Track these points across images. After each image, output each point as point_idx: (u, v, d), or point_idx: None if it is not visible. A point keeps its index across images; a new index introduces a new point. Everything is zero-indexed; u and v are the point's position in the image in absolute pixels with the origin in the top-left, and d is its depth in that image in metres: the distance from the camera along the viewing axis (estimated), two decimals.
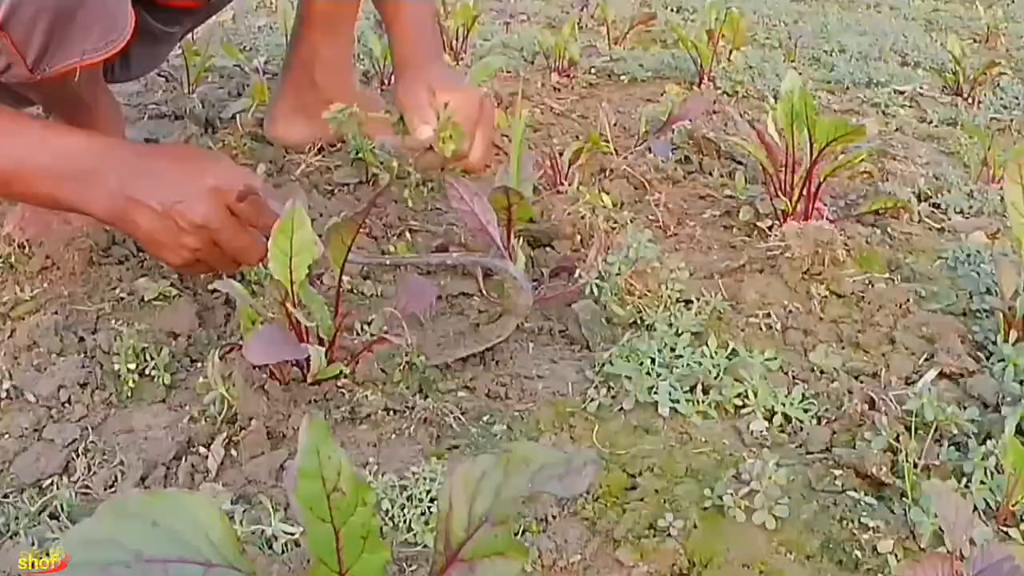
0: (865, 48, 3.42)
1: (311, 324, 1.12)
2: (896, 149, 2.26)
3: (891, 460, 0.99)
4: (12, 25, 1.26)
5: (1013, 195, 1.27)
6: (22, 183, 1.26)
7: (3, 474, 1.08)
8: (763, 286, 1.41)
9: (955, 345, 1.24)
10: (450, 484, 0.61)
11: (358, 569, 0.60)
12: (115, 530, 0.53)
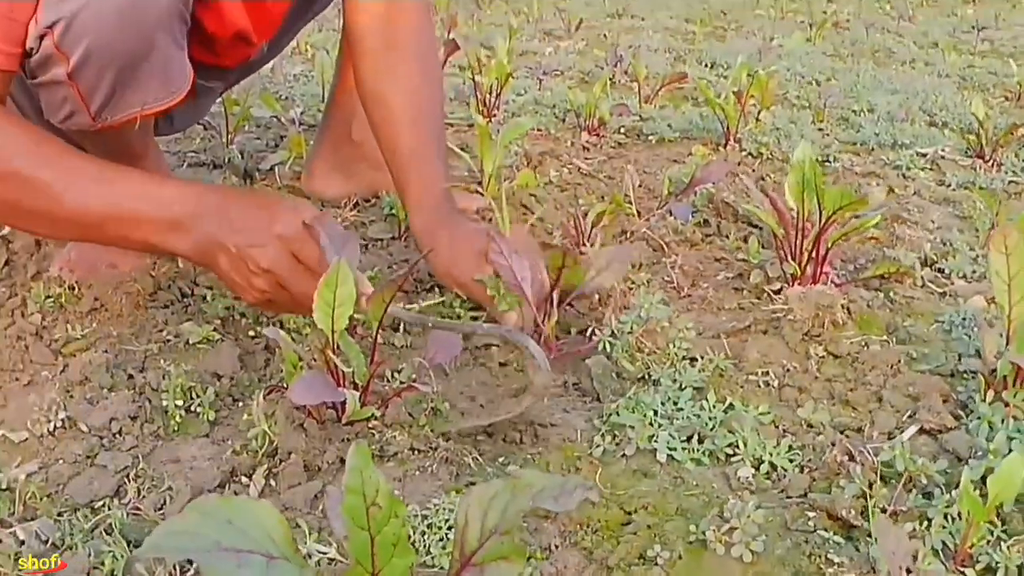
0: (894, 108, 3.58)
1: (348, 370, 1.30)
2: (911, 213, 2.41)
3: (862, 505, 1.15)
4: (80, 75, 1.45)
5: (997, 264, 1.42)
6: (118, 226, 1.40)
7: (59, 495, 1.26)
8: (765, 346, 1.58)
9: (937, 403, 1.40)
10: (467, 503, 0.78)
11: (388, 571, 0.77)
12: (198, 525, 0.70)
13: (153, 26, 1.48)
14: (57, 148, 1.42)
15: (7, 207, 1.42)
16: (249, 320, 1.66)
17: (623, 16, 6.49)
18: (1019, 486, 1.08)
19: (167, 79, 1.56)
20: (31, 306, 1.72)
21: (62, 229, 1.50)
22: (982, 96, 4.04)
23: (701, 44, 5.24)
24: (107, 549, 1.10)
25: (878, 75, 4.43)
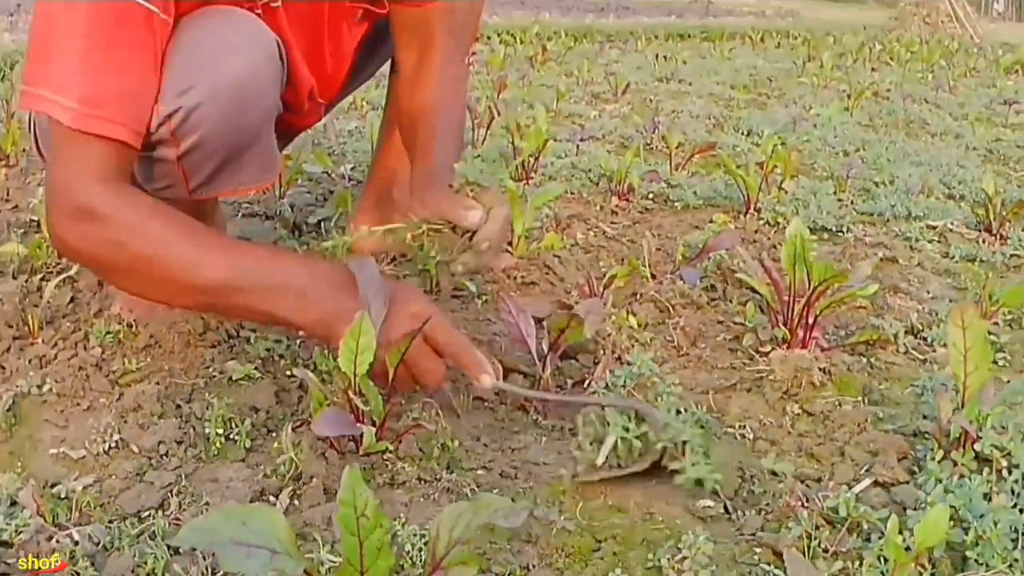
0: (915, 180, 3.73)
1: (366, 408, 1.47)
2: (910, 283, 2.56)
3: (806, 545, 1.30)
4: (188, 159, 1.64)
5: (955, 337, 1.57)
6: (241, 296, 1.52)
7: (110, 505, 1.43)
8: (746, 402, 1.73)
9: (892, 460, 1.54)
10: (439, 519, 0.95)
11: (373, 571, 0.94)
12: (218, 524, 0.87)
13: (259, 121, 1.68)
14: (191, 225, 1.57)
15: (147, 280, 1.57)
16: (287, 361, 1.84)
17: (671, 80, 6.67)
18: (942, 534, 1.22)
19: (264, 165, 1.76)
20: (93, 340, 1.91)
21: (196, 298, 1.59)
22: (1002, 170, 4.19)
23: (741, 111, 5.41)
24: (150, 552, 1.26)
25: (907, 147, 4.57)
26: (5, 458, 1.56)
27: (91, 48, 1.52)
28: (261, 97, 1.69)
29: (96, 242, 1.55)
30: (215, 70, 1.61)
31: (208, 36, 1.62)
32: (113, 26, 1.52)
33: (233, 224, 2.61)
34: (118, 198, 1.54)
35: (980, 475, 1.47)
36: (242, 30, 1.67)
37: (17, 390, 1.72)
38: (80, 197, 1.53)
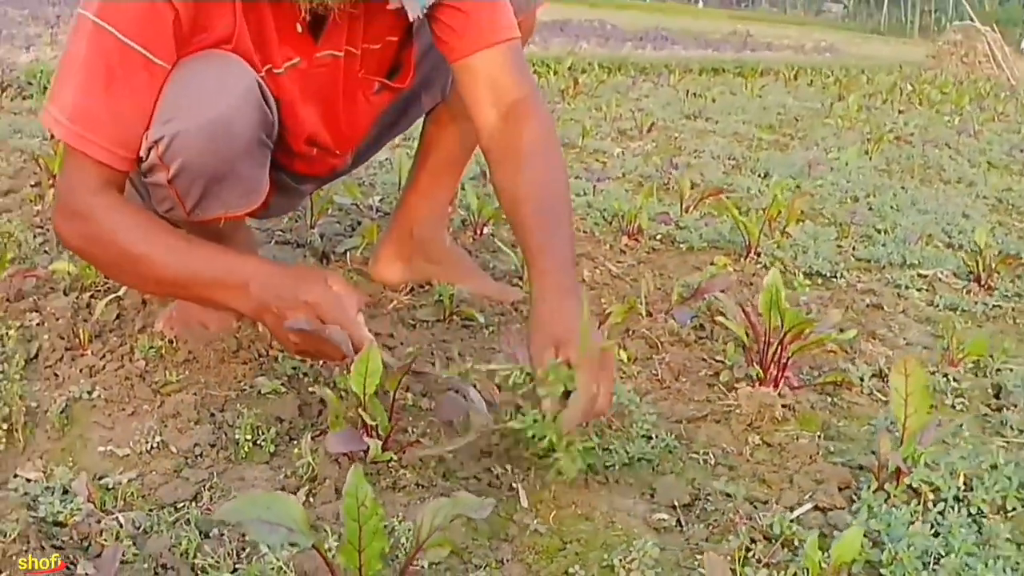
0: (918, 228, 3.96)
1: (374, 423, 1.73)
2: (890, 329, 2.78)
3: (741, 555, 1.54)
4: (177, 182, 1.91)
5: (897, 383, 1.81)
6: (199, 288, 1.86)
7: (150, 496, 1.69)
8: (714, 432, 1.98)
9: (833, 488, 1.79)
10: (423, 511, 1.21)
11: (369, 550, 1.19)
12: (248, 506, 1.13)
13: (236, 153, 1.94)
14: (158, 228, 1.88)
15: (120, 271, 1.97)
16: (309, 379, 2.10)
17: (698, 118, 6.89)
18: (855, 552, 1.46)
19: (245, 193, 2.03)
20: (137, 353, 2.18)
21: (159, 288, 2.03)
22: (1006, 220, 4.40)
23: (762, 152, 5.64)
24: (184, 536, 1.52)
25: (917, 194, 4.78)
26: (59, 454, 1.82)
27: (90, 79, 1.81)
28: (237, 129, 1.93)
29: (84, 237, 1.88)
30: (196, 103, 1.86)
31: (194, 74, 1.87)
32: (114, 64, 1.80)
33: (266, 250, 2.88)
34: (104, 204, 1.85)
35: (907, 505, 1.71)
36: (225, 70, 1.92)
37: (69, 395, 1.99)
38: (75, 201, 1.86)
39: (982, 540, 1.65)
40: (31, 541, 1.46)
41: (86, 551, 1.51)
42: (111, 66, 1.80)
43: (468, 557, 1.51)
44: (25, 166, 4.09)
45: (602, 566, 1.51)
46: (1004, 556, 1.60)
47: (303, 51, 2.06)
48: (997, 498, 1.80)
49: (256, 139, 1.98)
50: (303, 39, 2.04)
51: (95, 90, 1.81)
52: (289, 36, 2.02)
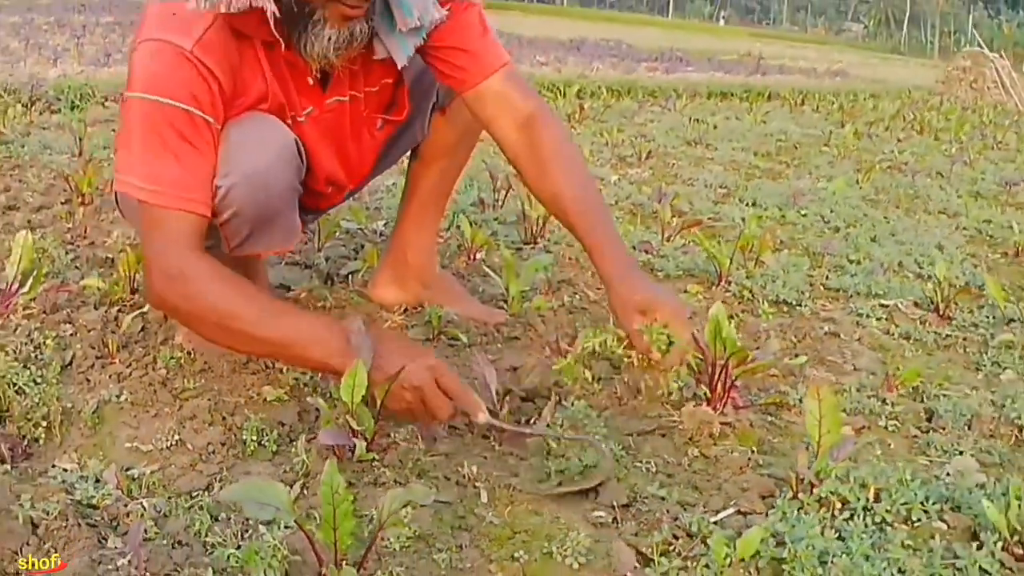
0: (890, 258, 4.20)
1: (360, 428, 2.03)
2: (843, 356, 3.05)
3: (662, 548, 1.84)
4: (227, 226, 2.24)
5: (811, 406, 2.10)
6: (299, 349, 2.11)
7: (170, 486, 1.99)
8: (658, 445, 2.28)
9: (755, 496, 2.08)
10: (384, 498, 1.51)
11: (342, 529, 1.50)
12: (245, 490, 1.45)
13: (280, 199, 2.28)
14: (248, 287, 2.17)
15: (221, 333, 2.16)
16: (309, 389, 2.40)
17: (698, 144, 7.17)
18: (754, 548, 1.76)
19: (284, 235, 2.37)
20: (159, 363, 2.50)
21: (251, 347, 2.22)
22: (980, 251, 4.66)
23: (754, 181, 5.91)
24: (197, 518, 1.83)
25: (898, 224, 5.00)
26: (92, 448, 2.13)
27: (154, 145, 2.13)
28: (280, 182, 2.30)
29: (184, 297, 2.13)
30: (246, 160, 2.21)
31: (243, 134, 2.22)
32: (175, 127, 2.13)
33: (276, 271, 3.19)
34: (195, 263, 2.13)
35: (817, 512, 2.01)
36: (268, 131, 2.28)
37: (100, 398, 2.31)
38: (168, 261, 2.12)
39: (879, 544, 1.92)
40: (69, 519, 1.77)
41: (115, 529, 1.82)
42: (173, 129, 2.13)
43: (432, 542, 1.82)
44: (55, 183, 4.43)
45: (543, 552, 1.81)
46: (895, 559, 1.86)
47: (315, 100, 2.41)
48: (902, 510, 2.06)
49: (293, 187, 2.33)
50: (314, 90, 2.40)
51: (161, 153, 2.13)
52: (303, 88, 2.38)
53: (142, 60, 2.16)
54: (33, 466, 2.04)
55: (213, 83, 2.16)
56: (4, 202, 4.06)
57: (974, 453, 2.43)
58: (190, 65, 2.13)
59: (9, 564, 1.68)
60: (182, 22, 2.14)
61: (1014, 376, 3.03)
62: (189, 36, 2.13)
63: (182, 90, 2.13)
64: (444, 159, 2.86)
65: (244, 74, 2.24)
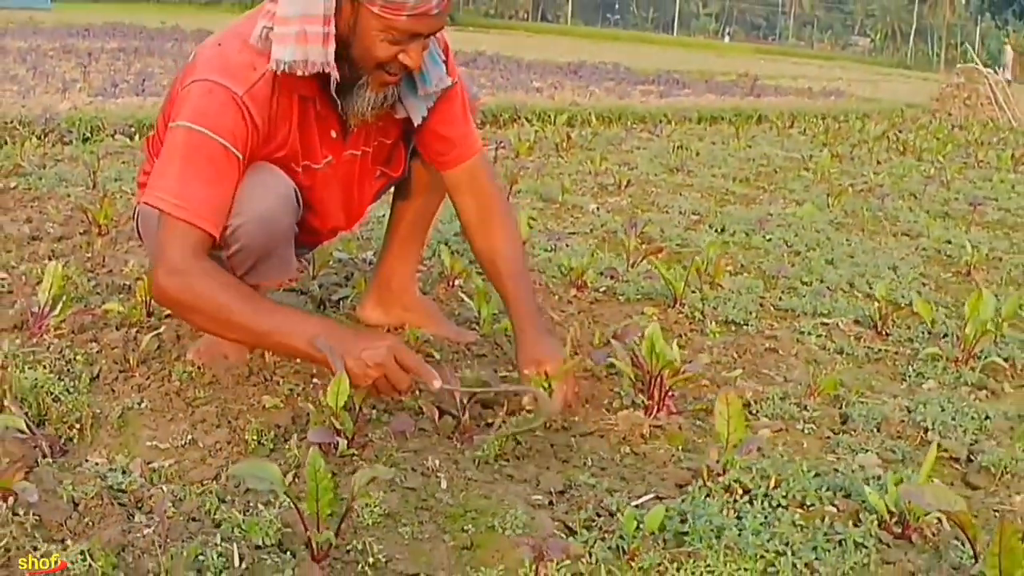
0: (842, 280, 4.62)
1: (343, 428, 2.49)
2: (778, 369, 3.49)
3: (585, 523, 2.29)
4: (234, 258, 2.71)
5: (720, 409, 2.56)
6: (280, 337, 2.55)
7: (184, 476, 2.43)
8: (595, 444, 2.73)
9: (672, 485, 2.53)
10: (356, 476, 1.97)
11: (322, 500, 1.96)
12: (246, 468, 1.92)
13: (278, 239, 2.76)
14: (243, 288, 2.63)
15: (210, 320, 2.61)
16: (302, 398, 2.86)
17: (679, 171, 7.59)
18: (659, 521, 2.21)
19: (282, 270, 2.85)
20: (174, 376, 2.95)
21: (240, 335, 2.65)
22: (933, 271, 5.07)
23: (727, 207, 6.34)
24: (207, 500, 2.28)
25: (859, 247, 5.42)
26: (118, 446, 2.58)
27: (189, 168, 2.61)
28: (281, 223, 2.77)
29: (182, 290, 2.58)
30: (255, 204, 2.69)
31: (253, 182, 2.70)
32: (209, 156, 2.61)
33: (275, 296, 3.62)
34: (197, 263, 2.59)
35: (721, 497, 2.45)
36: (270, 179, 2.76)
37: (124, 405, 2.77)
38: (176, 260, 2.58)
39: (771, 523, 2.33)
40: (103, 499, 2.23)
41: (140, 508, 2.26)
42: (208, 158, 2.61)
43: (398, 519, 2.27)
44: (73, 215, 4.90)
45: (487, 527, 2.26)
46: (781, 533, 2.28)
47: (335, 151, 2.92)
48: (797, 496, 2.46)
49: (290, 228, 2.81)
50: (336, 142, 2.90)
51: (194, 176, 2.61)
52: (326, 140, 2.88)
53: (195, 95, 2.64)
54: (69, 460, 2.48)
55: (251, 127, 2.65)
56: (28, 232, 4.52)
57: (879, 452, 2.86)
58: (236, 108, 2.62)
59: (56, 532, 2.13)
60: (237, 69, 2.64)
61: (934, 385, 3.48)
62: (242, 84, 2.62)
63: (224, 127, 2.61)
64: (423, 197, 3.34)
65: (277, 123, 2.73)
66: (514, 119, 10.28)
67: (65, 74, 11.90)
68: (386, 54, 2.58)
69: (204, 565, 2.03)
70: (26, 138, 6.80)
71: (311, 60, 2.58)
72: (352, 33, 2.58)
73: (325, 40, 2.56)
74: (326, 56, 2.58)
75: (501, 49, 25.14)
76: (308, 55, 2.57)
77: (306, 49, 2.57)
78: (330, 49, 2.58)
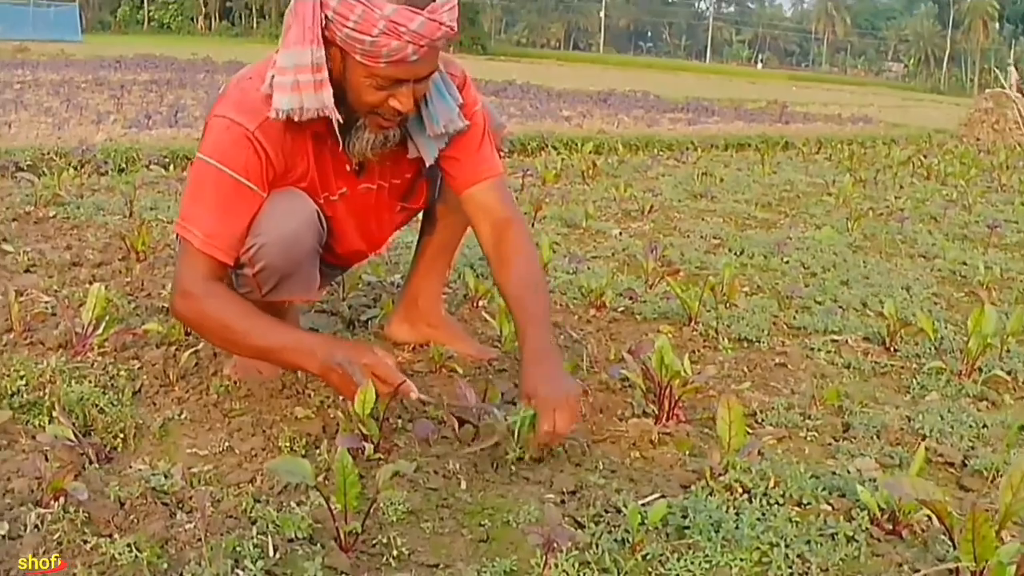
0: (856, 300, 4.78)
1: (369, 433, 2.71)
2: (786, 382, 3.67)
3: (598, 518, 2.49)
4: (259, 276, 2.93)
5: (723, 414, 2.76)
6: (280, 353, 2.82)
7: (221, 479, 2.64)
8: (607, 450, 2.93)
9: (677, 485, 2.72)
10: (380, 471, 2.18)
11: (350, 493, 2.17)
12: (281, 463, 2.13)
13: (301, 258, 2.97)
14: (249, 310, 2.87)
15: (219, 338, 2.94)
16: (332, 408, 3.08)
17: (703, 197, 7.77)
18: (661, 515, 2.40)
19: (306, 286, 3.06)
20: (212, 390, 3.18)
21: (246, 352, 2.97)
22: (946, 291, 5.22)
23: (748, 232, 6.53)
24: (243, 500, 2.49)
25: (875, 268, 5.58)
26: (160, 454, 2.79)
27: (210, 203, 2.87)
28: (303, 243, 2.98)
29: (195, 312, 2.87)
30: (276, 225, 2.91)
31: (275, 205, 2.92)
32: (226, 193, 2.86)
33: (306, 318, 3.88)
34: (213, 289, 2.85)
35: (721, 495, 2.65)
36: (296, 203, 2.98)
37: (164, 417, 2.99)
38: (191, 285, 2.85)
39: (767, 518, 2.52)
40: (147, 499, 2.45)
41: (181, 508, 2.48)
42: (220, 191, 2.86)
43: (420, 515, 2.48)
44: (111, 242, 5.15)
45: (503, 522, 2.46)
46: (776, 527, 2.47)
47: (350, 184, 3.13)
48: (795, 495, 2.66)
49: (314, 248, 3.02)
50: (350, 176, 3.12)
51: (207, 207, 2.87)
52: (341, 173, 3.09)
53: (214, 130, 2.89)
54: (114, 466, 2.69)
55: (265, 160, 2.88)
56: (69, 259, 4.77)
57: (877, 457, 3.04)
58: (249, 143, 2.85)
59: (104, 528, 2.34)
60: (252, 106, 2.86)
61: (937, 397, 3.65)
62: (254, 120, 2.85)
63: (237, 162, 2.85)
64: (450, 226, 3.55)
65: (293, 156, 2.95)
66: (541, 147, 10.52)
67: (99, 106, 12.25)
68: (375, 99, 2.75)
69: (241, 555, 2.23)
70: (63, 169, 7.06)
71: (306, 107, 2.79)
72: (344, 79, 2.74)
73: (317, 87, 2.76)
74: (322, 101, 2.78)
75: (531, 78, 25.47)
76: (303, 102, 2.78)
77: (300, 97, 2.77)
78: (324, 94, 2.74)
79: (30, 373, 3.09)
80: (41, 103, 12.21)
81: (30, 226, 5.49)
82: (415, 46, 2.61)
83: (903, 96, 34.47)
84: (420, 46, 2.62)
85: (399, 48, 2.61)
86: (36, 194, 6.03)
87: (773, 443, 3.10)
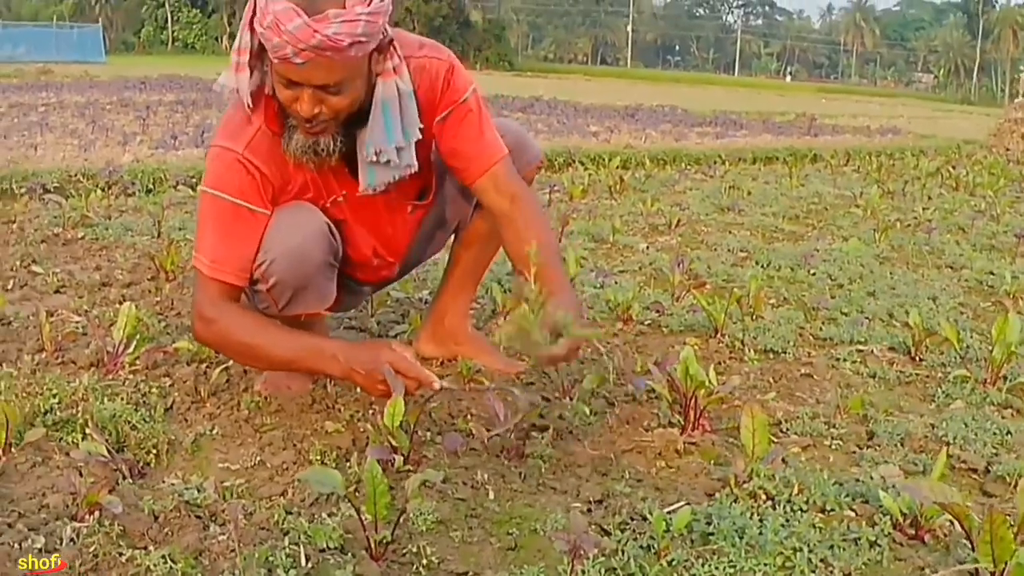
0: (883, 310, 4.83)
1: (399, 445, 2.78)
2: (811, 391, 3.73)
3: (621, 525, 2.55)
4: (272, 291, 3.03)
5: (746, 423, 2.82)
6: (301, 362, 2.97)
7: (253, 492, 2.71)
8: (634, 459, 2.99)
9: (702, 494, 2.77)
10: (410, 479, 2.26)
11: (380, 503, 2.24)
12: (312, 473, 2.21)
13: (310, 271, 3.06)
14: (266, 324, 2.99)
15: (242, 356, 3.07)
16: (361, 422, 3.15)
17: (730, 211, 7.81)
18: (686, 522, 2.46)
19: (320, 298, 3.14)
20: (243, 406, 3.26)
21: (270, 365, 3.12)
22: (972, 301, 5.25)
23: (775, 244, 6.58)
24: (275, 512, 2.57)
25: (901, 279, 5.62)
26: (192, 468, 2.87)
27: (216, 231, 3.00)
28: (313, 256, 3.07)
29: (215, 334, 3.01)
30: (283, 241, 3.01)
31: (281, 220, 3.03)
32: (230, 219, 2.98)
33: (336, 333, 3.96)
34: (228, 310, 2.99)
35: (746, 502, 2.70)
36: (302, 216, 3.07)
37: (196, 432, 3.07)
38: (208, 310, 2.99)
39: (790, 524, 2.58)
40: (181, 512, 2.53)
41: (214, 520, 2.55)
42: (221, 218, 2.99)
43: (450, 525, 2.54)
44: (140, 262, 5.25)
45: (530, 530, 2.53)
46: (799, 533, 2.53)
47: (348, 188, 3.19)
48: (818, 501, 2.71)
49: (325, 261, 3.10)
50: (350, 180, 3.16)
51: (212, 235, 3.00)
52: (342, 177, 3.15)
53: (210, 160, 3.03)
54: (148, 481, 2.77)
55: (260, 178, 2.98)
56: (98, 279, 4.88)
57: (901, 464, 3.09)
58: (240, 166, 2.96)
59: (139, 541, 2.42)
60: (236, 128, 2.98)
61: (961, 405, 3.69)
62: (241, 141, 2.97)
63: (232, 186, 2.97)
64: (479, 245, 3.65)
65: (289, 168, 3.04)
66: (569, 163, 10.61)
67: (124, 127, 12.41)
68: (284, 96, 2.79)
69: (274, 565, 2.30)
70: (91, 190, 7.19)
71: (239, 88, 2.90)
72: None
73: (238, 68, 2.86)
74: (238, 82, 2.88)
75: (558, 94, 25.59)
76: (237, 83, 2.89)
77: (237, 77, 2.84)
78: (241, 76, 2.82)
79: (63, 392, 3.17)
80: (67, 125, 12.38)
81: (59, 247, 5.62)
82: (294, 48, 2.62)
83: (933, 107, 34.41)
84: (299, 49, 2.62)
85: (280, 46, 2.64)
86: (64, 216, 6.16)
87: (797, 451, 3.15)
